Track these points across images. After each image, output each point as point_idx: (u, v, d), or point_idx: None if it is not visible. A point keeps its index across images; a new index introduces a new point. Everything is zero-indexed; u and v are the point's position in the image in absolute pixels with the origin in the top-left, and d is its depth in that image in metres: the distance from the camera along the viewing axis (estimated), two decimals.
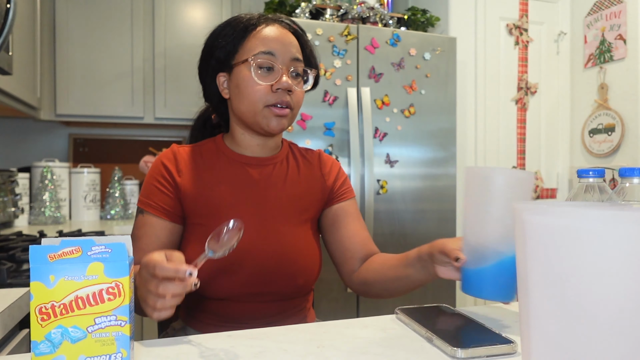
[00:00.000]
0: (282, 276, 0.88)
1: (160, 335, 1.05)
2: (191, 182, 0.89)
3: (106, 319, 0.45)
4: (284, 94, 0.86)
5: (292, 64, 0.88)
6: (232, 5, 2.41)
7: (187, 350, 0.57)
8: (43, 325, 0.44)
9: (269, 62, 0.86)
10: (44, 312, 0.44)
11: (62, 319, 0.44)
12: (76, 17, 2.19)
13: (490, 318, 0.71)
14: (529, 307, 0.36)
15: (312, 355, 0.55)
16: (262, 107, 0.86)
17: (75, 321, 0.45)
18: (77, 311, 0.45)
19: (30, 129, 2.43)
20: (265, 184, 0.93)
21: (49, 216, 2.05)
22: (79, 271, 0.45)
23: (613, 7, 2.28)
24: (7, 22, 1.14)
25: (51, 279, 0.44)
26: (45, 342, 0.44)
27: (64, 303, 0.44)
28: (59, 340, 0.44)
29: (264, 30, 0.88)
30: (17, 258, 1.09)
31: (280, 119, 0.87)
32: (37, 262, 0.44)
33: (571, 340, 0.33)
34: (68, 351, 0.45)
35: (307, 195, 0.96)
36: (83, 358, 0.45)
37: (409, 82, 2.06)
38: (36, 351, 0.44)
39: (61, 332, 0.44)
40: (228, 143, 0.96)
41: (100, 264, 0.45)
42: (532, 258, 0.35)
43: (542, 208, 0.34)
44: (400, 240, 2.03)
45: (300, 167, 0.99)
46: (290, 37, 0.90)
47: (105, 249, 0.45)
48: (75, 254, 0.45)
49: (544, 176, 2.52)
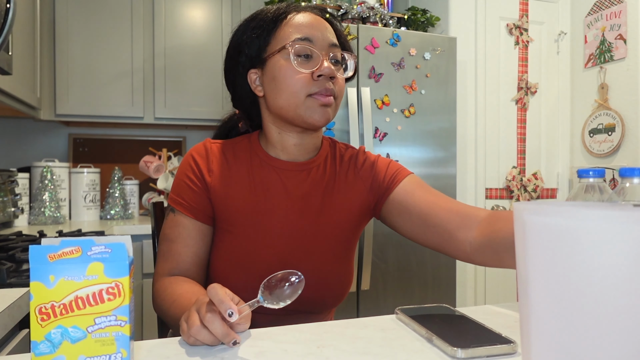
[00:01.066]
0: (311, 297, 0.81)
1: (160, 335, 1.05)
2: (221, 184, 0.83)
3: (106, 319, 0.45)
4: (326, 81, 0.79)
5: (330, 50, 0.81)
6: (232, 5, 2.41)
7: (187, 350, 0.57)
8: (43, 325, 0.44)
9: (307, 49, 0.79)
10: (43, 312, 0.44)
11: (62, 319, 0.44)
12: (76, 17, 2.19)
13: (490, 318, 0.71)
14: (529, 307, 0.36)
15: (312, 355, 0.55)
16: (305, 97, 0.79)
17: (75, 321, 0.44)
18: (77, 311, 0.44)
19: (30, 129, 2.43)
20: (301, 194, 0.85)
21: (49, 216, 2.05)
22: (78, 271, 0.44)
23: (613, 7, 2.28)
24: (6, 21, 1.14)
25: (51, 279, 0.44)
26: (45, 342, 0.44)
27: (64, 303, 0.44)
28: (58, 341, 0.44)
29: (296, 17, 0.81)
30: (17, 258, 1.09)
31: (325, 108, 0.80)
32: (37, 262, 0.44)
33: (571, 340, 0.33)
34: (68, 351, 0.44)
35: (347, 206, 0.87)
36: (83, 358, 0.45)
37: (409, 82, 2.06)
38: (36, 351, 0.44)
39: (61, 332, 0.44)
40: (263, 144, 0.88)
41: (100, 264, 0.45)
42: (532, 258, 0.35)
43: (542, 208, 0.34)
44: (401, 240, 2.03)
45: (340, 171, 0.90)
46: (324, 22, 0.84)
47: (105, 249, 0.45)
48: (75, 254, 0.44)
49: (544, 176, 2.52)
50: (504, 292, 2.43)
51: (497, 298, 2.42)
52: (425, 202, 0.83)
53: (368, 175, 0.90)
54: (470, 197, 2.37)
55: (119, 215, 2.25)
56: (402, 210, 0.85)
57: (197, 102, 2.35)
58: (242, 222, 0.82)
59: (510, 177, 2.43)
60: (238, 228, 0.82)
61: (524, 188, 2.46)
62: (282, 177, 0.85)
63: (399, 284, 2.04)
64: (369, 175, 0.90)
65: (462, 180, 2.35)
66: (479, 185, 2.39)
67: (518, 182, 2.44)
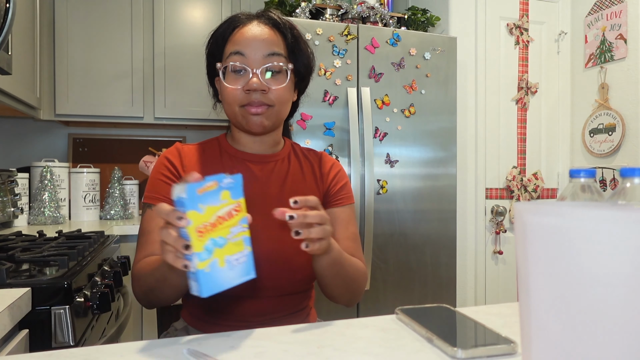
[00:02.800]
0: (281, 271, 0.88)
1: (161, 335, 1.05)
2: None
3: (236, 228, 0.63)
4: (256, 94, 0.86)
5: (267, 60, 0.87)
6: (232, 5, 2.41)
7: (187, 350, 0.57)
8: (200, 240, 0.59)
9: (239, 64, 0.87)
10: (200, 231, 0.59)
11: (212, 233, 0.60)
12: (76, 16, 2.18)
13: (490, 318, 0.71)
14: (529, 307, 0.36)
15: (312, 355, 0.55)
16: (239, 108, 0.88)
17: (219, 233, 0.61)
18: (219, 226, 0.61)
19: (30, 129, 2.43)
20: (267, 180, 0.94)
21: (49, 216, 2.04)
22: (217, 199, 0.61)
23: (613, 7, 2.28)
24: (6, 21, 1.14)
25: (200, 207, 0.59)
26: (204, 252, 0.59)
27: (211, 222, 0.60)
28: (211, 248, 0.60)
29: (239, 31, 0.89)
30: (16, 258, 1.09)
31: (258, 117, 0.88)
32: (191, 196, 0.58)
33: (571, 340, 0.33)
34: (218, 254, 0.61)
35: (307, 194, 0.96)
36: (227, 257, 0.62)
37: (409, 82, 2.06)
38: (199, 258, 0.59)
39: (212, 242, 0.60)
40: (230, 141, 0.98)
41: (227, 192, 0.62)
42: (532, 258, 0.35)
43: (542, 208, 0.34)
44: (401, 240, 2.03)
45: (302, 165, 1.00)
46: (266, 32, 0.89)
47: (230, 180, 0.62)
48: (213, 186, 0.60)
49: (545, 176, 2.52)
50: (504, 292, 2.43)
51: (497, 298, 2.42)
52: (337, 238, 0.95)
53: (327, 180, 1.00)
54: (471, 197, 2.37)
55: (118, 215, 2.25)
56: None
57: (197, 102, 2.35)
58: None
59: (510, 177, 2.43)
60: None
61: (524, 188, 2.45)
62: (251, 167, 0.94)
63: (399, 284, 2.04)
64: (327, 181, 1.00)
65: (462, 180, 2.35)
66: (479, 185, 2.39)
67: (518, 182, 2.44)
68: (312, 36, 1.92)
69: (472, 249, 2.38)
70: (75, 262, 1.10)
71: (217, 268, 0.61)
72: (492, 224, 2.40)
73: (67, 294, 0.91)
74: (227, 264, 0.62)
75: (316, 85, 1.91)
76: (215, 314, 0.90)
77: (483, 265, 2.39)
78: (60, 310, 0.89)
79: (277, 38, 0.90)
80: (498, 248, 2.41)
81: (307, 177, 0.99)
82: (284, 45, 0.91)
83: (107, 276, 1.26)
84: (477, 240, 2.38)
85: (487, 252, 2.40)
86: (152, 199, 0.90)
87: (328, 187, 1.00)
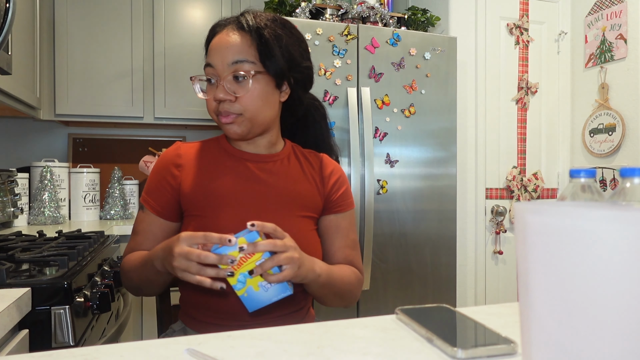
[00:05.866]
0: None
1: (160, 335, 1.05)
2: (192, 175, 0.93)
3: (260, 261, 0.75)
4: (223, 104, 0.87)
5: (233, 68, 0.86)
6: (232, 5, 2.41)
7: (187, 350, 0.57)
8: (236, 274, 0.75)
9: (208, 75, 0.90)
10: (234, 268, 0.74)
11: (241, 269, 0.75)
12: (76, 16, 2.18)
13: (490, 318, 0.71)
14: (529, 307, 0.36)
15: (312, 355, 0.55)
16: (216, 117, 0.90)
17: (247, 268, 0.75)
18: (244, 264, 0.75)
19: (30, 129, 2.43)
20: (266, 178, 0.94)
21: (49, 216, 2.04)
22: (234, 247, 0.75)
23: (614, 7, 2.28)
24: (6, 21, 1.14)
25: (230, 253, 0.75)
26: (238, 284, 0.75)
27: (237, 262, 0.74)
28: (243, 280, 0.75)
29: (213, 41, 0.90)
30: (16, 258, 1.08)
31: (231, 125, 0.89)
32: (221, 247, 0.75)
33: (571, 340, 0.33)
34: (251, 282, 0.76)
35: (308, 194, 0.96)
36: (260, 283, 0.76)
37: (409, 81, 2.06)
38: (236, 289, 0.76)
39: (242, 275, 0.75)
40: (229, 141, 0.99)
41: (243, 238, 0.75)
42: (532, 258, 0.35)
43: (542, 208, 0.34)
44: (401, 240, 2.03)
45: (302, 166, 1.00)
46: (232, 40, 0.87)
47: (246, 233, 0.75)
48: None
49: (545, 176, 2.52)
50: (504, 292, 2.43)
51: (497, 298, 2.42)
52: (337, 246, 0.98)
53: (327, 185, 0.99)
54: (471, 197, 2.37)
55: (118, 215, 2.25)
56: (323, 234, 1.00)
57: (197, 102, 2.35)
58: (213, 204, 0.90)
59: (510, 177, 2.43)
60: (208, 211, 0.90)
61: (524, 188, 2.45)
62: (250, 165, 0.95)
63: (399, 284, 2.04)
64: (328, 186, 0.99)
65: (462, 180, 2.35)
66: (479, 185, 2.39)
67: (518, 182, 2.44)
68: (312, 36, 1.92)
69: (472, 249, 2.38)
70: (75, 262, 1.10)
71: (253, 292, 0.77)
72: (492, 224, 2.40)
73: (67, 294, 0.91)
74: (261, 288, 0.77)
75: (316, 85, 1.90)
76: (212, 312, 0.90)
77: (483, 265, 2.39)
78: (60, 310, 0.89)
79: (245, 44, 0.87)
80: (498, 248, 2.41)
81: (308, 178, 0.98)
82: (254, 49, 0.87)
83: (107, 276, 1.26)
84: (477, 240, 2.38)
85: (487, 252, 2.40)
86: (145, 201, 0.95)
87: (329, 192, 0.99)
